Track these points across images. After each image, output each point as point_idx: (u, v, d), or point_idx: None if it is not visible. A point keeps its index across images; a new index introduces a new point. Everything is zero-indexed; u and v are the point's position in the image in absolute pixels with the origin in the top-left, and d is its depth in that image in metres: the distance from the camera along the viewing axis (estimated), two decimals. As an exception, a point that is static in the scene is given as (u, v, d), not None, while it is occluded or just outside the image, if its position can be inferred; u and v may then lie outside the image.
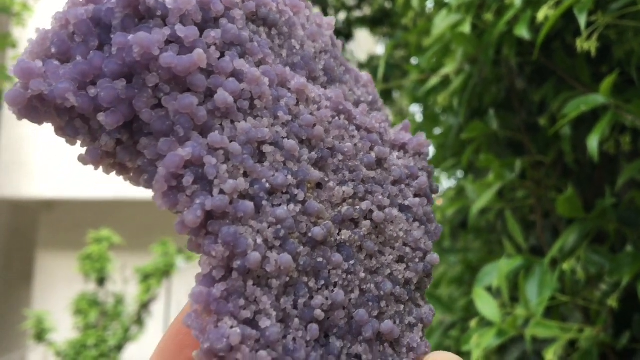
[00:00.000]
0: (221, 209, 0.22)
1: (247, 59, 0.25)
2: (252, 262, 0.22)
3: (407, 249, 0.27)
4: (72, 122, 0.23)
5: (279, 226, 0.23)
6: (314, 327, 0.23)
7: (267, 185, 0.24)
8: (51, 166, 8.42)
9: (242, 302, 0.22)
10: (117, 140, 0.23)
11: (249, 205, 0.23)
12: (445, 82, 1.01)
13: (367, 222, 0.26)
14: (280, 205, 0.24)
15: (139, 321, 5.84)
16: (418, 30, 1.06)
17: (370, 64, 2.78)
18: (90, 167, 0.24)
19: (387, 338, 0.25)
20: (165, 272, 5.81)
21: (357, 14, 2.93)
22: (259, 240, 0.23)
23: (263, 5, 0.27)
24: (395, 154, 0.29)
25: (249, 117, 0.24)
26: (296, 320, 0.23)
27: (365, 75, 0.33)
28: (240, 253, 0.22)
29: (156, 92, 0.23)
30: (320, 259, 0.24)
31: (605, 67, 0.93)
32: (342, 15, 3.10)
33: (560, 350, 0.61)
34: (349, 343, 0.24)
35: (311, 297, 0.24)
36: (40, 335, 5.70)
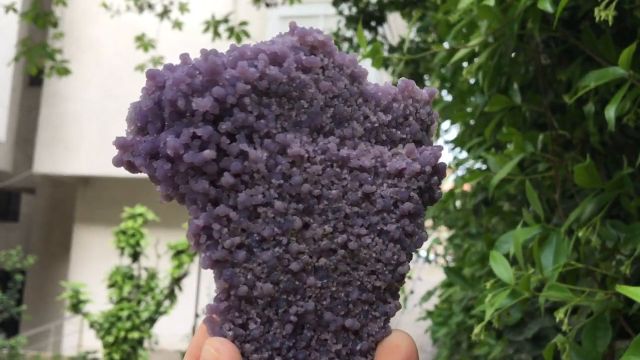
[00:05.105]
0: (223, 258, 0.34)
1: (254, 136, 0.35)
2: (242, 292, 0.34)
3: (379, 265, 0.36)
4: (151, 177, 0.35)
5: (264, 265, 0.35)
6: (289, 326, 0.35)
7: (258, 237, 0.35)
8: (89, 144, 8.61)
9: (237, 313, 0.35)
10: (169, 194, 0.35)
11: (242, 253, 0.34)
12: (472, 57, 1.03)
13: (343, 250, 0.35)
14: (268, 249, 0.35)
15: (171, 295, 5.98)
16: (446, 8, 1.08)
17: (401, 47, 2.79)
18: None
19: (350, 329, 0.36)
20: (197, 248, 5.92)
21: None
22: (249, 276, 0.34)
23: (274, 81, 0.35)
24: (389, 182, 0.37)
25: (247, 189, 0.34)
26: (276, 322, 0.35)
27: (394, 87, 0.39)
28: (235, 286, 0.34)
29: (186, 174, 0.34)
30: (298, 282, 0.35)
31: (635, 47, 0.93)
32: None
33: (579, 313, 0.64)
34: (318, 332, 0.35)
35: (289, 307, 0.35)
36: (76, 307, 5.84)
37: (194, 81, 0.34)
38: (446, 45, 1.35)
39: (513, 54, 1.09)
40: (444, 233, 3.43)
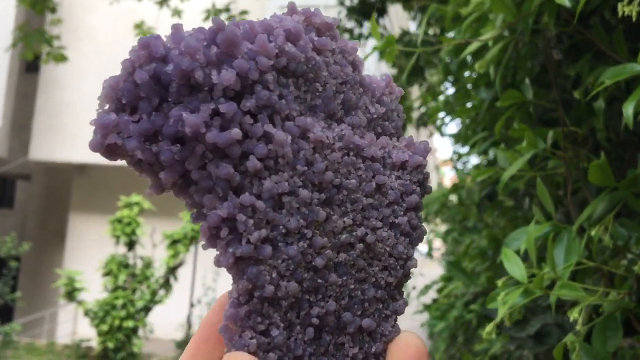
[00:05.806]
0: (248, 254, 0.30)
1: (276, 117, 0.31)
2: (268, 293, 0.30)
3: (392, 260, 0.34)
4: (140, 164, 0.30)
5: (290, 261, 0.31)
6: (310, 330, 0.32)
7: (283, 230, 0.31)
8: (85, 132, 8.57)
9: (259, 319, 0.30)
10: (173, 182, 0.30)
11: (268, 249, 0.30)
12: (482, 52, 1.02)
13: (361, 245, 0.33)
14: (292, 244, 0.31)
15: (166, 285, 5.99)
16: (455, 1, 1.07)
17: (402, 40, 2.77)
18: None
19: (366, 330, 0.33)
20: (192, 238, 5.92)
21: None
22: (274, 274, 0.30)
23: (292, 59, 0.32)
24: (395, 174, 0.35)
25: (272, 175, 0.31)
26: (298, 326, 0.31)
27: (382, 80, 0.37)
28: (260, 286, 0.30)
29: (203, 157, 0.30)
30: (320, 280, 0.32)
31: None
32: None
33: (584, 311, 0.63)
34: (336, 336, 0.32)
35: (310, 309, 0.32)
36: (71, 294, 5.84)
37: (208, 52, 0.29)
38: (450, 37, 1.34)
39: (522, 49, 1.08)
40: (442, 227, 3.43)
